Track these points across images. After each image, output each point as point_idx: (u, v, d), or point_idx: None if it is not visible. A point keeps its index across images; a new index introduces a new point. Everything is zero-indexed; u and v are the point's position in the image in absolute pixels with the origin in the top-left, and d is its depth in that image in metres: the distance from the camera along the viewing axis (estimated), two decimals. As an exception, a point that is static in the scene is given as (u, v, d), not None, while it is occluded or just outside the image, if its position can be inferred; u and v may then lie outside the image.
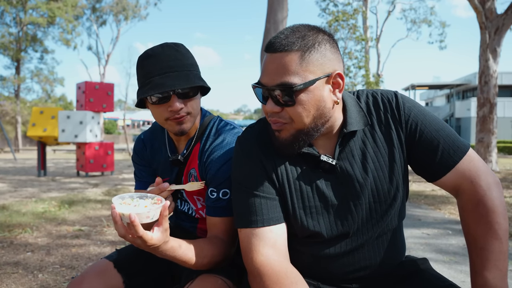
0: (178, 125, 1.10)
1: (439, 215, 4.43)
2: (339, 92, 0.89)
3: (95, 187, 6.80)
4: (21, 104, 26.61)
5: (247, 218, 0.92)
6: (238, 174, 0.98)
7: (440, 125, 0.95)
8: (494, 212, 0.88)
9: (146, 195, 0.93)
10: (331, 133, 0.95)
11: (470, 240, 0.91)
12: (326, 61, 0.86)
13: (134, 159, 1.32)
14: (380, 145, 0.95)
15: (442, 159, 0.93)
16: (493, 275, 0.85)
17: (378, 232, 0.96)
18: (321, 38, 0.87)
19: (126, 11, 29.20)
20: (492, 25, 9.00)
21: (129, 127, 49.31)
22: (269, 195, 0.93)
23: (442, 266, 2.62)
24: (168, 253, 0.92)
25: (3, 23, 25.74)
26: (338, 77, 0.88)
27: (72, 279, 1.15)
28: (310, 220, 0.93)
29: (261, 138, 0.98)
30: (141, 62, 1.10)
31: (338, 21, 13.57)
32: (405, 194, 1.01)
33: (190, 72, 1.10)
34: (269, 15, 8.87)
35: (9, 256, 2.80)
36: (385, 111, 0.96)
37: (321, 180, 0.94)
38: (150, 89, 1.05)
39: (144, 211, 0.84)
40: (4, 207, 4.63)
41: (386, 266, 0.98)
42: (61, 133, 8.16)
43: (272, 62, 0.86)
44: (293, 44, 0.85)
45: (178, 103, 1.07)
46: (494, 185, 0.92)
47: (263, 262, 0.87)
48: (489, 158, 9.10)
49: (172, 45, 1.10)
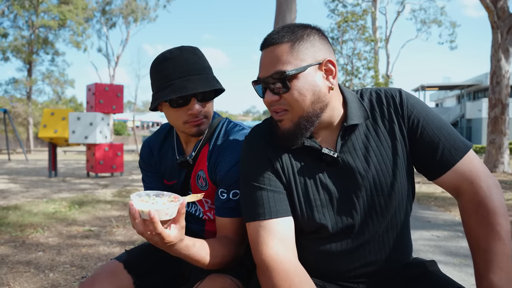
0: (195, 127, 1.11)
1: (449, 217, 4.38)
2: (333, 78, 0.93)
3: (105, 188, 6.88)
4: (33, 106, 27.00)
5: (255, 211, 0.94)
6: (245, 170, 1.00)
7: (441, 124, 0.96)
8: (496, 213, 0.88)
9: (162, 193, 0.93)
10: (332, 126, 0.97)
11: (473, 242, 0.91)
12: (316, 50, 0.91)
13: (141, 165, 1.32)
14: (382, 139, 0.96)
15: (442, 157, 0.93)
16: (498, 277, 0.84)
17: (383, 227, 0.96)
18: (310, 31, 0.92)
19: (136, 13, 29.49)
20: (504, 24, 8.87)
21: (138, 128, 49.73)
22: (276, 189, 0.95)
23: (452, 268, 2.59)
24: (183, 251, 0.93)
25: (16, 27, 26.20)
26: (329, 63, 0.92)
27: (83, 280, 1.16)
28: (316, 213, 0.94)
29: (268, 135, 1.00)
30: (158, 65, 1.10)
31: (347, 22, 13.50)
32: (411, 190, 1.01)
33: (209, 75, 1.11)
34: (278, 16, 8.87)
35: (21, 255, 2.84)
36: (388, 106, 0.98)
37: (324, 173, 0.96)
38: (171, 92, 1.05)
39: (163, 208, 0.84)
40: (17, 207, 4.71)
41: (392, 264, 0.98)
42: (71, 134, 8.26)
43: (266, 57, 0.92)
44: (283, 37, 0.90)
45: (198, 106, 1.08)
46: (494, 187, 0.92)
47: (272, 256, 0.88)
48: (501, 160, 8.97)
49: (189, 48, 1.11)
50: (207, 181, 1.18)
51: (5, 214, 4.29)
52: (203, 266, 1.00)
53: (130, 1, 28.99)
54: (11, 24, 26.01)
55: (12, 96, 27.73)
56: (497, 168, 9.00)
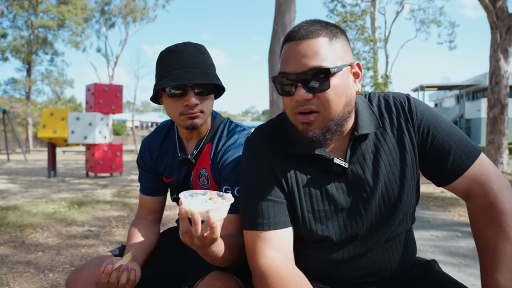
0: (190, 120, 1.12)
1: (449, 217, 4.38)
2: (359, 82, 0.90)
3: (104, 188, 6.87)
4: (32, 106, 26.97)
5: (254, 220, 0.92)
6: (246, 175, 0.97)
7: (452, 129, 0.94)
8: (506, 214, 0.87)
9: (195, 192, 0.90)
10: (342, 135, 0.93)
11: (481, 242, 0.90)
12: (348, 51, 0.89)
13: (139, 163, 1.33)
14: (392, 149, 0.93)
15: (454, 164, 0.92)
16: (504, 277, 0.85)
17: (387, 235, 0.94)
18: (339, 31, 0.89)
19: (135, 13, 29.46)
20: (503, 24, 8.88)
21: (137, 128, 49.69)
22: (277, 199, 0.92)
23: (451, 268, 2.59)
24: (214, 248, 0.89)
25: (15, 27, 26.15)
26: (357, 66, 0.89)
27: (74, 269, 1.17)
28: (319, 225, 0.92)
29: (271, 140, 0.96)
30: (162, 56, 1.14)
31: (346, 22, 13.51)
32: (416, 199, 0.99)
33: (210, 71, 1.13)
34: (277, 16, 8.86)
35: (21, 255, 2.84)
36: (398, 114, 0.95)
37: (331, 184, 0.93)
38: (169, 81, 1.08)
39: (225, 209, 0.81)
40: (16, 207, 4.70)
41: (396, 271, 0.97)
42: (70, 134, 8.25)
43: (299, 49, 0.83)
44: (319, 30, 0.85)
45: (194, 98, 1.10)
46: (505, 188, 0.91)
47: (268, 265, 0.86)
48: (500, 160, 8.97)
49: (195, 44, 1.15)
50: (210, 180, 1.19)
51: (5, 214, 4.28)
52: (223, 264, 0.98)
53: (129, 1, 28.96)
54: (10, 24, 25.99)
55: (11, 96, 27.70)
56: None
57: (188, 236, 0.83)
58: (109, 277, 1.02)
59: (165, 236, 1.36)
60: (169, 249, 1.30)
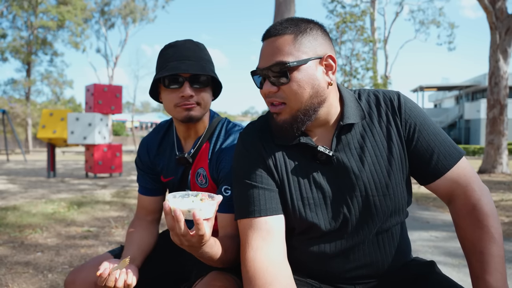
0: (185, 111, 1.13)
1: (448, 217, 4.38)
2: (332, 74, 0.93)
3: (104, 188, 6.87)
4: (32, 106, 26.94)
5: (245, 208, 0.93)
6: (238, 167, 0.99)
7: (437, 130, 0.97)
8: (490, 216, 0.90)
9: (187, 193, 0.90)
10: (328, 125, 0.97)
11: (468, 245, 0.92)
12: (318, 44, 0.91)
13: (137, 163, 1.34)
14: (378, 140, 0.96)
15: (438, 163, 0.94)
16: (494, 278, 0.86)
17: (377, 228, 0.96)
18: (313, 25, 0.93)
19: (134, 14, 29.47)
20: (502, 25, 8.89)
21: (137, 129, 49.66)
22: (267, 186, 0.94)
23: (451, 269, 2.59)
24: (207, 249, 0.90)
25: (15, 27, 26.12)
26: (329, 59, 0.92)
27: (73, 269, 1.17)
28: (309, 212, 0.94)
29: (262, 132, 1.00)
30: (162, 52, 1.17)
31: (346, 22, 13.53)
32: (407, 192, 1.00)
33: (206, 65, 1.15)
34: (276, 17, 8.87)
35: (20, 256, 2.84)
36: (386, 108, 0.98)
37: (317, 172, 0.95)
38: (165, 71, 1.11)
39: (210, 208, 0.81)
40: (15, 208, 4.70)
41: (388, 266, 0.98)
42: (70, 135, 8.25)
43: (267, 47, 0.91)
44: (286, 28, 0.90)
45: (190, 90, 1.11)
46: (486, 191, 0.95)
47: (255, 260, 0.86)
48: (500, 160, 8.98)
49: (194, 41, 1.19)
50: (208, 179, 1.19)
51: (4, 214, 4.28)
52: (220, 264, 0.98)
53: (128, 2, 28.98)
54: (10, 25, 25.95)
55: (11, 96, 27.66)
56: (495, 168, 9.01)
57: (174, 234, 0.83)
58: (105, 281, 1.02)
59: (164, 236, 1.36)
60: (168, 249, 1.30)
